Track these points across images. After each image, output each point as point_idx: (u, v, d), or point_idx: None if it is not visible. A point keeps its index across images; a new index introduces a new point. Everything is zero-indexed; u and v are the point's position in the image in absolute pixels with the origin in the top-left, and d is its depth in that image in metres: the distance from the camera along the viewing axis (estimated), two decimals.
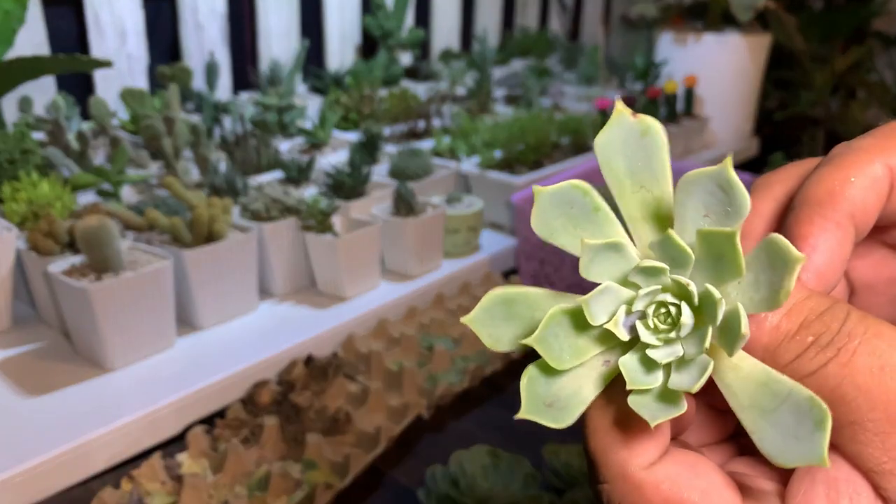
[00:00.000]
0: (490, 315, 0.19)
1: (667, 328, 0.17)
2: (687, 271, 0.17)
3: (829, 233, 0.18)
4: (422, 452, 0.58)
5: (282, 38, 1.35)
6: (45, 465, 0.52)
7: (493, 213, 0.93)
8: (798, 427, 0.15)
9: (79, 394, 0.60)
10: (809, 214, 0.18)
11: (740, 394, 0.16)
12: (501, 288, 0.19)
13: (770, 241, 0.16)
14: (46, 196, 0.71)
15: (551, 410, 0.18)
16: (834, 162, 0.19)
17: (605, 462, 0.18)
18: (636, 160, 0.18)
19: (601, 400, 0.18)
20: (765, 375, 0.16)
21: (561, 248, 0.19)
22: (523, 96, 1.31)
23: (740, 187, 0.16)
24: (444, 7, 1.64)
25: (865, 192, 0.18)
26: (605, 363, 0.18)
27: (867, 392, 0.16)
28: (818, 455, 0.15)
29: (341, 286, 0.75)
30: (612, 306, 0.17)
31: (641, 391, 0.17)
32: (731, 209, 0.17)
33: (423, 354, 0.68)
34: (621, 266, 0.17)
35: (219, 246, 0.67)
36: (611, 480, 0.17)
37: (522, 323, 0.19)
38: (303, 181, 0.89)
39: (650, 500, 0.17)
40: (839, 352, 0.16)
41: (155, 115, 0.87)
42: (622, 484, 0.17)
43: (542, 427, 0.16)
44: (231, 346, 0.67)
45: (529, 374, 0.18)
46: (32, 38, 1.04)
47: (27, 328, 0.70)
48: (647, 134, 0.18)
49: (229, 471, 0.53)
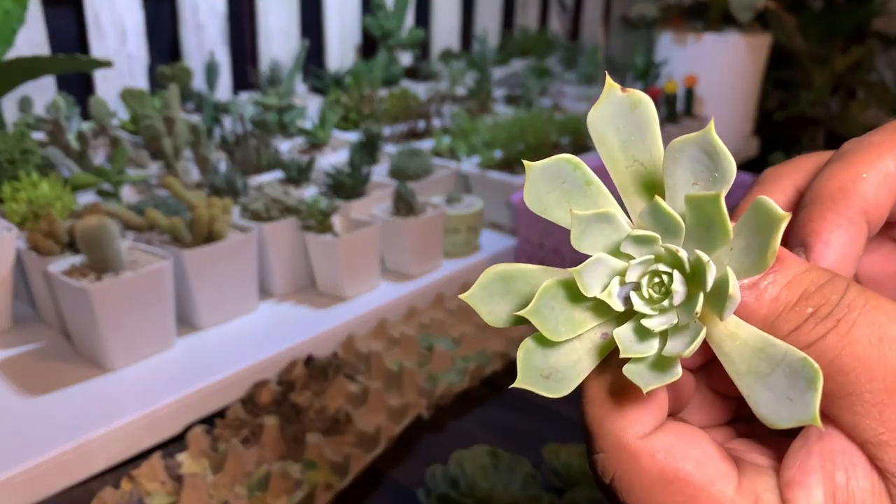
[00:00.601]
0: (489, 292, 0.19)
1: (660, 297, 0.17)
2: (679, 239, 0.17)
3: (842, 229, 0.18)
4: (422, 452, 0.58)
5: (282, 38, 1.35)
6: (45, 464, 0.52)
7: (493, 213, 0.93)
8: (791, 388, 0.15)
9: (79, 394, 0.60)
10: (822, 210, 0.18)
11: (738, 360, 0.16)
12: (499, 265, 0.19)
13: (756, 203, 0.16)
14: (46, 196, 0.71)
15: (548, 382, 0.18)
16: (845, 158, 0.19)
17: (601, 432, 0.18)
18: (628, 133, 0.18)
19: (598, 371, 0.18)
20: (761, 341, 0.16)
21: (556, 222, 0.19)
22: (523, 96, 1.31)
23: (725, 152, 0.16)
24: (444, 7, 1.64)
25: (878, 188, 0.18)
26: (603, 336, 0.18)
27: (866, 363, 0.16)
28: (810, 414, 0.15)
29: (341, 286, 0.75)
30: (605, 278, 0.17)
31: (636, 360, 0.17)
32: (718, 174, 0.17)
33: (423, 354, 0.68)
34: (613, 237, 0.17)
35: (219, 246, 0.67)
36: (606, 450, 0.17)
37: (520, 298, 0.19)
38: (303, 181, 0.89)
39: (645, 469, 0.17)
40: (838, 323, 0.16)
41: (155, 115, 0.87)
42: (617, 453, 0.17)
43: (542, 427, 0.16)
44: (231, 346, 0.67)
45: (526, 347, 0.18)
46: (32, 38, 1.04)
47: (27, 328, 0.70)
48: (638, 107, 0.18)
49: (229, 471, 0.53)
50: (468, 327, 0.73)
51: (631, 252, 0.17)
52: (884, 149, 0.19)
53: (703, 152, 0.17)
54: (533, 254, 0.81)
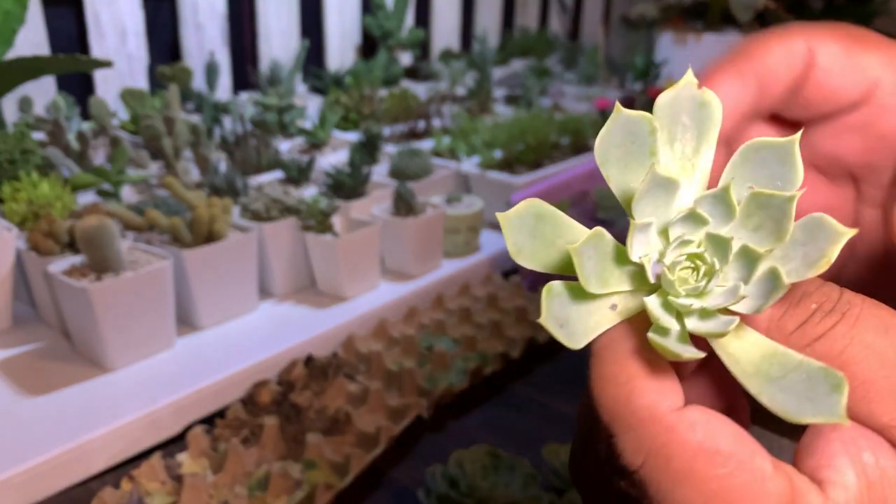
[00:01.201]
0: (521, 223, 0.18)
1: (695, 278, 0.17)
2: (724, 229, 0.17)
3: (732, 79, 0.20)
4: (422, 452, 0.58)
5: (282, 38, 1.35)
6: (45, 465, 0.52)
7: (493, 213, 0.93)
8: (811, 391, 0.15)
9: (79, 394, 0.60)
10: (721, 63, 0.20)
11: (744, 362, 0.16)
12: (539, 201, 0.18)
13: (815, 218, 0.16)
14: (46, 196, 0.71)
15: (563, 330, 0.17)
16: (764, 32, 0.21)
17: (630, 409, 0.16)
18: (693, 122, 0.18)
19: (613, 351, 0.17)
20: (771, 348, 0.16)
21: (605, 178, 0.18)
22: (523, 96, 1.31)
23: (799, 165, 0.17)
24: (444, 7, 1.65)
25: (777, 59, 0.20)
26: (627, 302, 0.18)
27: (876, 349, 0.16)
28: (837, 414, 0.15)
29: (341, 286, 0.75)
30: (649, 245, 0.17)
31: (662, 332, 0.17)
32: (781, 184, 0.17)
33: (423, 355, 0.68)
34: (667, 209, 0.17)
35: (219, 246, 0.67)
36: (637, 427, 0.16)
37: (544, 244, 0.18)
38: (303, 181, 0.89)
39: (686, 442, 0.16)
40: (844, 315, 0.16)
41: (155, 116, 0.87)
42: (652, 428, 0.16)
43: (542, 427, 0.16)
44: (231, 346, 0.67)
45: (553, 290, 0.17)
46: (32, 38, 1.04)
47: (27, 328, 0.70)
48: (705, 106, 0.18)
49: (229, 471, 0.53)
50: (468, 328, 0.73)
51: (680, 229, 0.17)
52: (800, 33, 0.20)
53: (777, 159, 0.17)
54: None
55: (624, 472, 0.16)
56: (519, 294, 0.79)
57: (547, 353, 0.72)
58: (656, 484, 0.16)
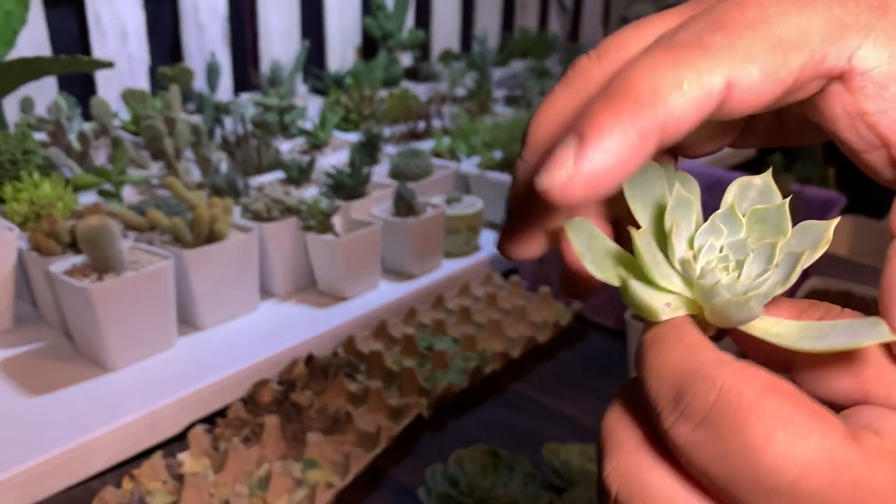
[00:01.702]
0: (580, 232, 0.19)
1: (727, 273, 0.19)
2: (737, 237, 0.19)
3: (629, 137, 0.15)
4: (422, 452, 0.59)
5: (282, 39, 1.36)
6: (46, 464, 0.53)
7: (492, 213, 0.93)
8: (855, 333, 0.17)
9: (80, 393, 0.60)
10: (618, 107, 0.16)
11: (788, 336, 0.18)
12: (584, 223, 0.19)
13: (804, 225, 0.19)
14: (48, 196, 0.72)
15: (595, 266, 0.19)
16: (673, 53, 0.16)
17: (717, 371, 0.15)
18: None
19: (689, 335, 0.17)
20: (805, 324, 0.18)
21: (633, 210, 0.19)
22: (523, 97, 1.31)
23: (778, 194, 0.19)
24: (444, 8, 1.65)
25: (689, 106, 0.16)
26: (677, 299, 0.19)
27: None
28: (886, 333, 0.16)
29: (342, 286, 0.75)
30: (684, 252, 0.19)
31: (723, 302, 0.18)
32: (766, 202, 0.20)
33: (423, 354, 0.68)
34: (688, 226, 0.19)
35: (220, 246, 0.68)
36: (738, 382, 0.15)
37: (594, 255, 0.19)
38: (303, 181, 0.89)
39: (782, 392, 0.15)
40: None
41: (156, 116, 0.87)
42: (751, 384, 0.15)
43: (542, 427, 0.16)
44: (232, 345, 0.67)
45: (627, 282, 0.18)
46: (34, 38, 1.04)
47: (29, 328, 0.70)
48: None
49: (230, 470, 0.53)
50: (468, 327, 0.73)
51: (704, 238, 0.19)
52: (720, 58, 0.16)
53: (760, 193, 0.20)
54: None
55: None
56: (518, 294, 0.79)
57: (547, 352, 0.72)
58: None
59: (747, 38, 0.16)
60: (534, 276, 0.82)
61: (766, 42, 0.16)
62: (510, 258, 0.21)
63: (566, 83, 0.19)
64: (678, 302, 0.19)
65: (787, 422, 0.15)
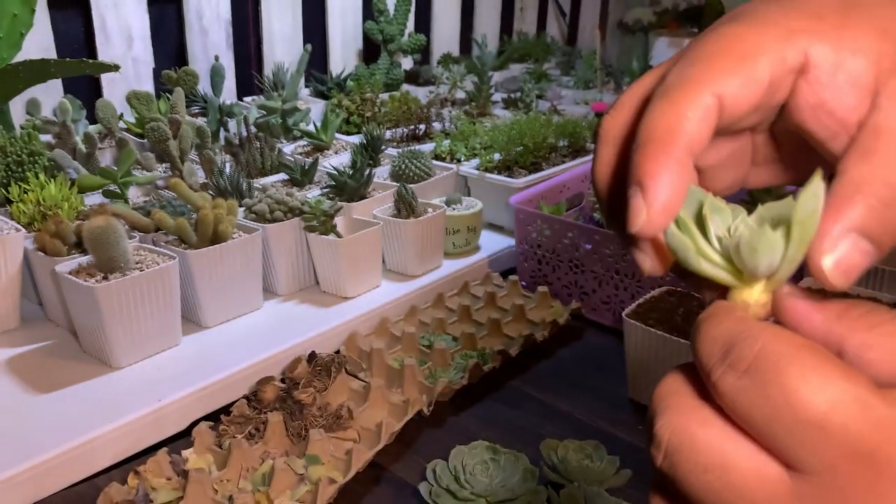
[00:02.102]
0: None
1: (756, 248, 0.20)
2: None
3: (671, 169, 0.20)
4: (422, 448, 0.59)
5: (285, 43, 1.37)
6: (52, 461, 0.53)
7: (492, 214, 0.94)
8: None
9: (86, 391, 0.61)
10: (654, 152, 0.20)
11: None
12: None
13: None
14: (54, 197, 0.72)
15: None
16: (669, 96, 0.21)
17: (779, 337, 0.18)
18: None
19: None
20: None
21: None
22: (522, 100, 1.32)
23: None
24: (444, 13, 1.66)
25: (699, 125, 0.20)
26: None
27: None
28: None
29: (343, 286, 0.76)
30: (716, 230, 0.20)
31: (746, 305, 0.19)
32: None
33: (424, 352, 0.69)
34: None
35: (224, 246, 0.69)
36: (778, 338, 0.18)
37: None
38: (306, 183, 0.90)
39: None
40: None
41: (161, 118, 0.89)
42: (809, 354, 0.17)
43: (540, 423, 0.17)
44: (236, 344, 0.68)
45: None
46: (40, 41, 1.05)
47: (35, 327, 0.71)
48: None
49: (234, 466, 0.54)
50: (468, 326, 0.74)
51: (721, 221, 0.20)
52: (702, 85, 0.20)
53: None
54: (531, 254, 0.82)
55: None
56: (517, 293, 0.80)
57: (545, 350, 0.73)
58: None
59: (719, 61, 0.21)
60: (533, 277, 0.83)
61: (734, 59, 0.21)
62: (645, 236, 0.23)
63: (603, 141, 0.24)
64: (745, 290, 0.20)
65: (819, 369, 0.17)
